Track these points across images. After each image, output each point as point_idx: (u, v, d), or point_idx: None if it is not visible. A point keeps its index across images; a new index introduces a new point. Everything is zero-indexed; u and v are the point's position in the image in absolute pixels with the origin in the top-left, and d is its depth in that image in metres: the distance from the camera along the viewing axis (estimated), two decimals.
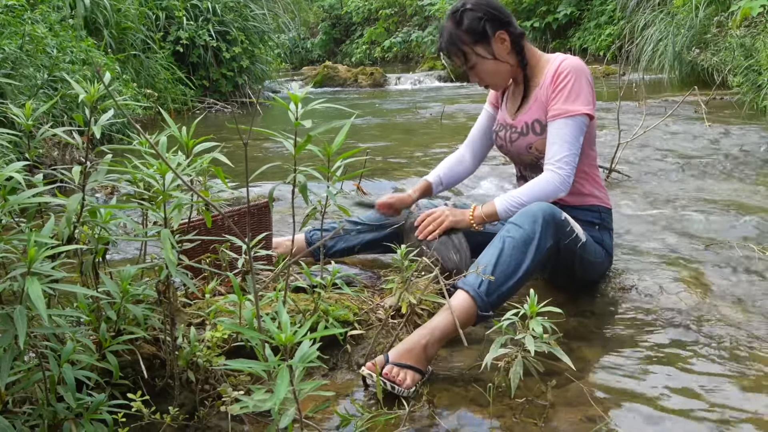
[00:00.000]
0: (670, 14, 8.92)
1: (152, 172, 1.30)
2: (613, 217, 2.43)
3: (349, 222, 2.59)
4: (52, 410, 1.26)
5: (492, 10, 2.23)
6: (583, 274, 2.28)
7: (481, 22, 2.20)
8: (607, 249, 2.33)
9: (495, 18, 2.22)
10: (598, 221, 2.32)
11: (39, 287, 0.98)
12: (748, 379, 1.77)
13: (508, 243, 1.92)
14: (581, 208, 2.30)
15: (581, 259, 2.16)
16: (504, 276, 1.88)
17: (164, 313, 1.43)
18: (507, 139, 2.37)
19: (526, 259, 1.91)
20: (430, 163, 4.72)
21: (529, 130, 2.28)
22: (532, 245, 1.93)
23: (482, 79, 2.32)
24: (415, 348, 1.75)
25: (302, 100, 1.37)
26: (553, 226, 1.99)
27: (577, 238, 2.10)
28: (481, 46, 2.23)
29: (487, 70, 2.28)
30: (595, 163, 2.38)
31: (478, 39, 2.22)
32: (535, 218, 1.96)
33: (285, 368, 0.99)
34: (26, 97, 3.93)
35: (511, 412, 1.64)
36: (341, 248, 2.58)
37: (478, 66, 2.27)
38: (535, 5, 14.92)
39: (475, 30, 2.21)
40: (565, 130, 2.15)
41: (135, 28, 7.40)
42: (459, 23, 2.22)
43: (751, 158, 4.47)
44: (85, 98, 1.20)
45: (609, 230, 2.36)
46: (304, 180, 1.36)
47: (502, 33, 2.23)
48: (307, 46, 21.46)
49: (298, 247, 2.53)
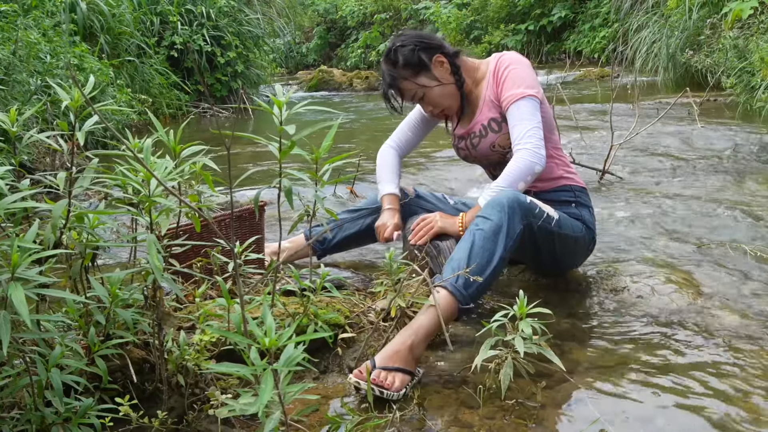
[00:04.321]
0: (663, 16, 8.96)
1: (138, 178, 1.30)
2: (590, 196, 2.48)
3: (346, 212, 2.61)
4: (40, 415, 1.26)
5: (421, 40, 2.31)
6: (565, 252, 2.34)
7: (415, 54, 2.27)
8: (588, 224, 2.38)
9: (426, 45, 2.29)
10: (573, 199, 2.39)
11: (22, 293, 0.98)
12: (740, 379, 1.77)
13: (479, 235, 1.97)
14: (555, 190, 2.38)
15: (560, 236, 2.22)
16: (479, 267, 1.91)
17: (152, 317, 1.43)
18: (470, 146, 2.43)
19: (497, 247, 1.96)
20: (424, 165, 4.73)
21: (488, 131, 2.34)
22: (502, 233, 1.98)
23: (435, 105, 2.37)
24: (401, 349, 1.75)
25: (289, 102, 1.37)
26: (520, 211, 2.04)
27: (549, 216, 2.16)
28: (423, 76, 2.29)
29: (437, 96, 2.33)
30: (559, 146, 2.45)
31: (418, 70, 2.29)
32: (501, 207, 2.01)
33: (269, 372, 0.99)
34: (19, 103, 3.93)
35: (502, 413, 1.64)
36: (340, 239, 2.60)
37: (427, 95, 2.33)
38: (529, 8, 14.99)
39: (413, 62, 2.28)
40: (520, 111, 2.21)
41: (130, 34, 7.40)
42: (395, 62, 2.29)
43: (743, 159, 4.49)
44: (70, 104, 1.20)
45: (587, 207, 2.43)
46: (289, 185, 1.37)
47: (439, 56, 2.30)
48: (302, 50, 21.47)
49: (298, 246, 2.55)
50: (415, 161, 4.87)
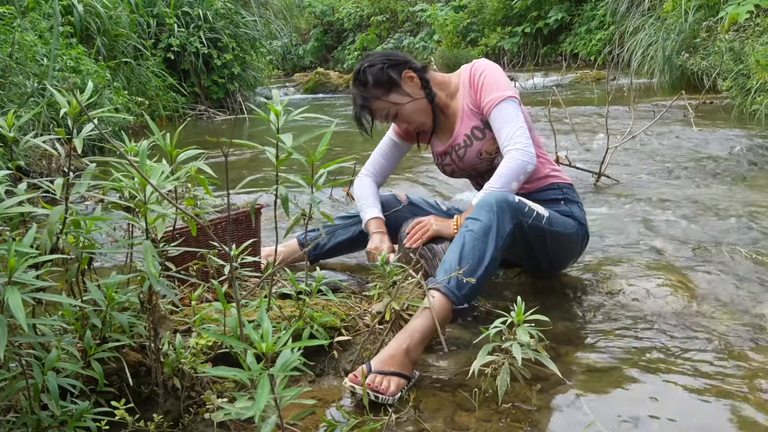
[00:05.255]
0: (659, 19, 8.98)
1: (134, 183, 1.30)
2: (577, 192, 2.50)
3: (339, 218, 2.61)
4: (36, 418, 1.26)
5: (388, 58, 2.33)
6: (558, 250, 2.34)
7: (384, 72, 2.28)
8: (579, 219, 2.39)
9: (394, 63, 2.31)
10: (561, 196, 2.40)
11: (18, 297, 0.98)
12: (735, 382, 1.78)
13: (469, 236, 1.98)
14: (543, 189, 2.40)
15: (552, 234, 2.23)
16: (470, 268, 1.92)
17: (148, 320, 1.44)
18: (456, 159, 2.44)
19: (488, 247, 1.97)
20: (419, 168, 4.73)
21: (472, 139, 2.35)
22: (492, 233, 1.99)
23: (410, 122, 2.38)
24: (397, 353, 1.76)
25: (287, 106, 1.38)
26: (509, 210, 2.05)
27: (539, 215, 2.17)
28: (394, 93, 2.30)
29: (410, 112, 2.34)
30: (541, 145, 2.46)
31: (389, 87, 2.30)
32: (490, 207, 2.02)
33: (266, 376, 1.00)
34: (16, 105, 3.93)
35: (498, 416, 1.64)
36: (333, 245, 2.61)
37: (400, 112, 2.33)
38: (526, 10, 15.01)
39: (383, 80, 2.29)
40: (504, 113, 2.23)
41: (126, 36, 7.40)
42: (365, 83, 2.30)
43: (739, 162, 4.50)
44: (68, 111, 1.20)
45: (577, 203, 2.44)
46: (285, 192, 1.37)
47: (408, 72, 2.32)
48: (299, 52, 21.48)
49: (291, 252, 2.55)
50: (409, 167, 4.87)
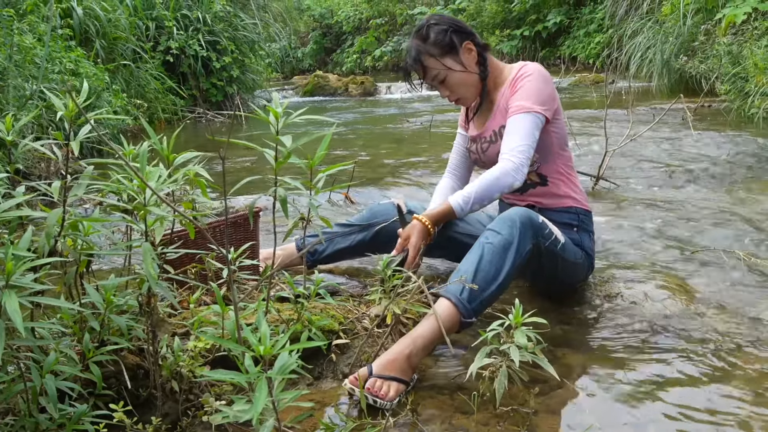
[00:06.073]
0: (658, 22, 8.99)
1: (132, 186, 1.30)
2: (593, 220, 2.43)
3: (338, 225, 2.58)
4: (34, 421, 1.26)
5: (456, 23, 2.29)
6: (564, 277, 2.29)
7: (447, 34, 2.25)
8: (587, 251, 2.33)
9: (460, 30, 2.28)
10: (576, 223, 2.33)
11: (16, 301, 0.98)
12: (734, 385, 1.78)
13: (488, 249, 1.93)
14: (558, 210, 2.32)
15: (563, 260, 2.17)
16: (485, 282, 1.88)
17: (147, 323, 1.44)
18: (480, 150, 2.40)
19: (506, 264, 1.91)
20: (419, 173, 4.73)
21: (497, 137, 2.30)
22: (512, 250, 1.93)
23: (453, 91, 2.33)
24: (399, 358, 1.75)
25: (286, 108, 1.38)
26: (531, 229, 2.00)
27: (557, 239, 2.11)
28: (450, 58, 2.26)
29: (458, 82, 2.29)
30: (571, 163, 2.39)
31: (446, 51, 2.25)
32: (513, 223, 1.97)
33: (264, 379, 1.00)
34: (14, 108, 3.93)
35: (496, 419, 1.64)
36: (331, 252, 2.57)
37: (448, 78, 2.29)
38: (524, 14, 15.03)
39: (443, 42, 2.25)
40: (521, 124, 2.16)
41: (125, 38, 7.40)
42: (426, 38, 2.26)
43: (737, 165, 4.50)
44: (65, 114, 1.20)
45: (588, 233, 2.36)
46: (284, 194, 1.37)
47: (469, 43, 2.27)
48: (297, 55, 21.49)
49: (288, 255, 2.53)
50: (409, 170, 4.87)
